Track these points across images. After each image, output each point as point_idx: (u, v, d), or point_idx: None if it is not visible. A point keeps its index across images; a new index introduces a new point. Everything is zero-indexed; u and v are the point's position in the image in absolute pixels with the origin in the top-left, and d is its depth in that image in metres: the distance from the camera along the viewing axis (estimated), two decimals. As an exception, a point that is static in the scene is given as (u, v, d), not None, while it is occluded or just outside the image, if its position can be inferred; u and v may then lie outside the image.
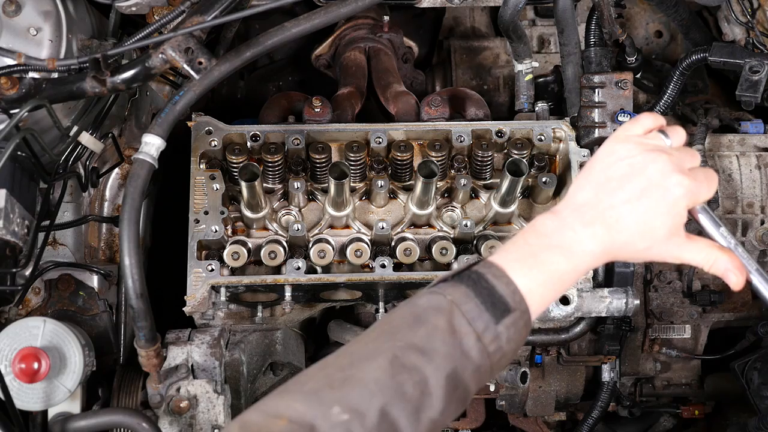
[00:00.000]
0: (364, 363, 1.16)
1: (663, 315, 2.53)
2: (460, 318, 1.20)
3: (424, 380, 1.15)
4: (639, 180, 1.28)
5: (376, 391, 1.13)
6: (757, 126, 2.56)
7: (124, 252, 1.69)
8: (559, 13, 2.11)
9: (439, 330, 1.19)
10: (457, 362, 1.18)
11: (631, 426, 2.85)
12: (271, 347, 2.20)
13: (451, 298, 1.22)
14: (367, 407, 1.11)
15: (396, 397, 1.13)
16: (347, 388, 1.13)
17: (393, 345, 1.17)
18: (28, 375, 1.83)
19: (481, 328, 1.20)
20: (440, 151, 2.02)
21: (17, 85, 1.78)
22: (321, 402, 1.11)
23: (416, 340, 1.18)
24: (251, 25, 2.63)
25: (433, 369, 1.16)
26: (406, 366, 1.15)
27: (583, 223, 1.27)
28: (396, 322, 1.23)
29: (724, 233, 1.37)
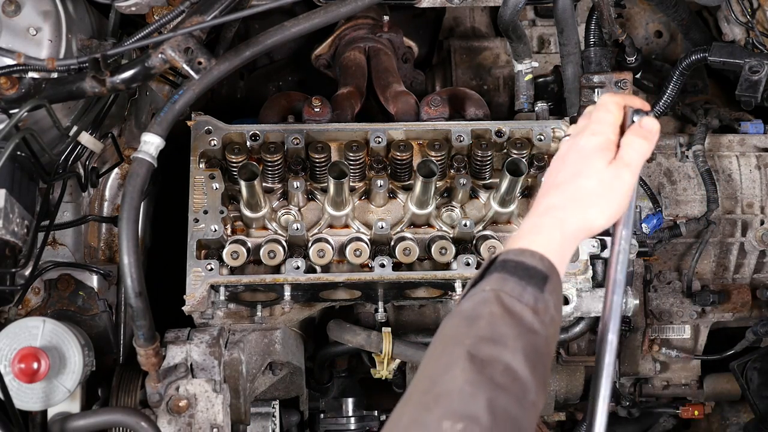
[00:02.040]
0: (446, 375, 1.13)
1: (662, 315, 2.53)
2: (509, 299, 1.20)
3: (509, 366, 1.14)
4: (579, 155, 1.35)
5: (475, 392, 1.10)
6: (757, 126, 2.56)
7: (123, 251, 1.69)
8: (559, 13, 2.11)
9: (496, 316, 1.18)
10: (528, 339, 1.18)
11: (630, 426, 2.86)
12: (270, 347, 2.20)
13: (490, 287, 1.22)
14: (475, 408, 1.08)
15: (494, 390, 1.10)
16: (444, 401, 1.09)
17: (463, 346, 1.15)
18: (27, 375, 1.83)
19: (532, 301, 1.21)
20: (440, 151, 2.03)
21: (17, 85, 1.78)
22: (426, 426, 1.07)
23: (481, 332, 1.17)
24: (251, 25, 2.64)
25: (510, 354, 1.15)
26: (485, 360, 1.13)
27: (552, 203, 1.32)
28: (452, 331, 1.21)
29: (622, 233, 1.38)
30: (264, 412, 2.33)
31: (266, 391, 2.29)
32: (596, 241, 2.04)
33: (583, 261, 2.02)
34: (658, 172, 2.50)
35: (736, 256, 2.52)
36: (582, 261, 2.02)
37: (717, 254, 2.52)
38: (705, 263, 2.52)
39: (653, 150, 2.46)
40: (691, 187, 2.49)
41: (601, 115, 1.37)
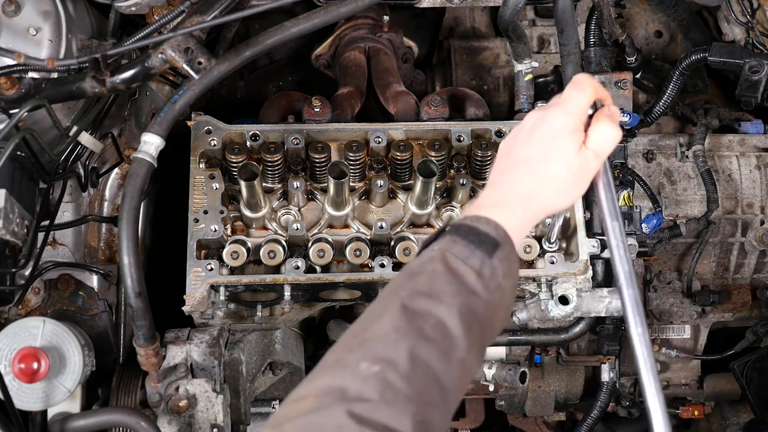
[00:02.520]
0: (376, 322, 1.14)
1: (662, 315, 2.53)
2: (454, 259, 1.20)
3: (441, 321, 1.14)
4: (544, 134, 1.33)
5: (398, 338, 1.10)
6: (757, 126, 2.56)
7: (123, 251, 1.69)
8: (559, 13, 2.11)
9: (438, 273, 1.18)
10: (466, 299, 1.17)
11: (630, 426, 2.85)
12: (270, 347, 2.20)
13: (439, 247, 1.22)
14: (395, 354, 1.08)
15: (420, 340, 1.10)
16: (368, 345, 1.10)
17: (398, 297, 1.16)
18: (27, 375, 1.83)
19: (478, 264, 1.20)
20: (440, 151, 2.03)
21: (17, 85, 1.78)
22: (344, 366, 1.08)
23: (419, 286, 1.17)
24: (251, 25, 2.63)
25: (445, 309, 1.15)
26: (417, 312, 1.13)
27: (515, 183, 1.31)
28: (393, 284, 1.23)
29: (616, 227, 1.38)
30: (264, 412, 2.33)
31: (266, 391, 2.29)
32: (596, 241, 2.03)
33: (583, 261, 2.02)
34: (658, 172, 2.50)
35: (736, 256, 2.52)
36: (582, 261, 2.02)
37: (717, 254, 2.52)
38: (705, 263, 2.52)
39: (653, 150, 2.47)
40: (691, 187, 2.49)
41: (575, 94, 1.34)
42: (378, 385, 1.05)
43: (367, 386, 1.05)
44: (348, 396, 1.03)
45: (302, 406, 1.04)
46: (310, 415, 1.02)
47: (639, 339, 1.32)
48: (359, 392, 1.04)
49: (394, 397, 1.04)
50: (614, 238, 1.38)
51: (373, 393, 1.04)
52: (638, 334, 1.32)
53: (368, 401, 1.03)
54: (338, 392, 1.04)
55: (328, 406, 1.02)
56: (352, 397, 1.03)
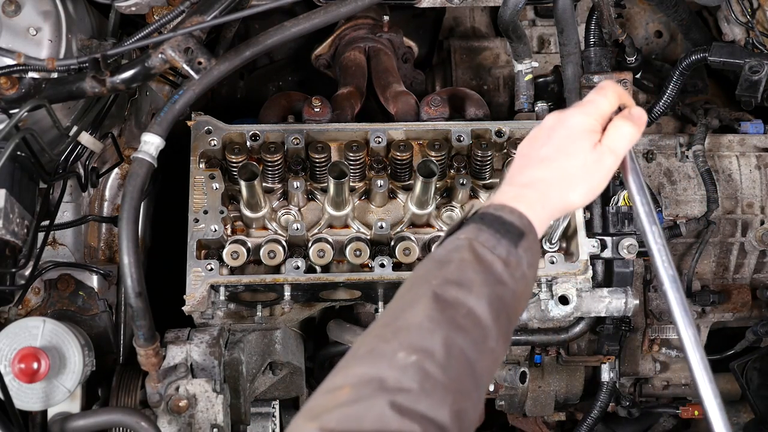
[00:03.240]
0: (408, 311, 1.14)
1: (662, 315, 2.53)
2: (481, 248, 1.21)
3: (471, 311, 1.14)
4: (564, 135, 1.33)
5: (433, 328, 1.10)
6: (757, 126, 2.56)
7: (123, 251, 1.69)
8: (559, 13, 2.11)
9: (467, 262, 1.19)
10: (494, 288, 1.18)
11: (630, 426, 2.85)
12: (270, 347, 2.20)
13: (465, 236, 1.23)
14: (431, 343, 1.08)
15: (454, 330, 1.11)
16: (402, 334, 1.10)
17: (429, 286, 1.16)
18: (27, 375, 1.83)
19: (504, 253, 1.21)
20: (440, 151, 2.03)
21: (17, 85, 1.78)
22: (381, 356, 1.08)
23: (449, 275, 1.17)
24: (251, 25, 2.63)
25: (475, 298, 1.15)
26: (449, 301, 1.14)
27: (536, 177, 1.32)
28: (422, 271, 1.22)
29: (654, 231, 1.39)
30: (264, 412, 2.33)
31: (266, 391, 2.29)
32: (596, 241, 2.03)
33: (583, 261, 2.02)
34: (658, 172, 2.50)
35: (736, 256, 2.52)
36: (582, 261, 2.02)
37: (717, 254, 2.52)
38: (705, 263, 2.52)
39: (653, 150, 2.47)
40: (691, 187, 2.49)
41: (597, 98, 1.36)
42: (417, 375, 1.04)
43: (406, 376, 1.04)
44: (387, 386, 1.03)
45: (339, 396, 1.03)
46: (350, 406, 1.01)
47: (690, 342, 1.33)
48: (398, 382, 1.03)
49: (433, 387, 1.05)
50: (654, 243, 1.37)
51: (412, 383, 1.04)
52: (689, 337, 1.33)
53: (408, 391, 1.03)
54: (377, 382, 1.03)
55: (368, 397, 1.02)
56: (391, 387, 1.03)
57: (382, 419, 0.99)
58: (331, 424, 0.99)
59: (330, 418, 1.00)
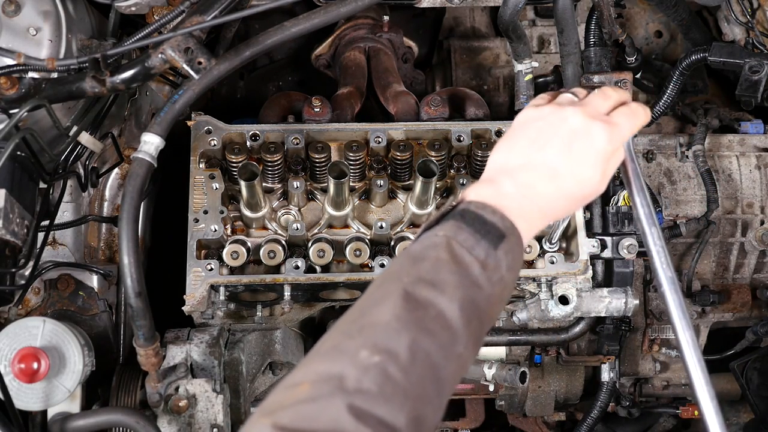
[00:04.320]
0: (377, 307, 1.10)
1: (662, 315, 2.53)
2: (459, 248, 1.16)
3: (441, 313, 1.10)
4: (563, 132, 1.28)
5: (400, 328, 1.06)
6: (757, 126, 2.56)
7: (123, 251, 1.69)
8: (559, 13, 2.11)
9: (442, 261, 1.14)
10: (468, 291, 1.14)
11: (630, 426, 2.85)
12: (270, 347, 2.20)
13: (444, 233, 1.18)
14: (396, 345, 1.04)
15: (421, 332, 1.06)
16: (368, 332, 1.06)
17: (401, 283, 1.11)
18: (27, 375, 1.83)
19: (483, 255, 1.17)
20: (440, 151, 2.03)
21: (17, 85, 1.78)
22: (343, 353, 1.04)
23: (423, 274, 1.13)
24: (251, 25, 2.64)
25: (447, 300, 1.11)
26: (419, 301, 1.09)
27: (523, 181, 1.26)
28: (395, 267, 1.18)
29: (654, 233, 1.37)
30: (264, 412, 2.33)
31: (266, 391, 2.29)
32: (596, 241, 2.03)
33: (583, 261, 2.02)
34: (658, 172, 2.50)
35: (736, 256, 2.52)
36: (582, 261, 2.02)
37: (717, 254, 2.52)
38: (705, 263, 2.52)
39: (653, 150, 2.47)
40: (691, 187, 2.49)
41: (597, 100, 1.34)
42: (378, 377, 1.01)
43: (367, 377, 1.00)
44: (346, 386, 0.99)
45: (297, 393, 1.00)
46: (307, 404, 0.98)
47: (688, 344, 1.33)
48: (358, 383, 1.00)
49: (393, 391, 1.01)
50: (653, 245, 1.37)
51: (372, 385, 1.00)
52: (687, 339, 1.34)
53: (367, 393, 0.99)
54: (336, 380, 1.00)
55: (325, 396, 0.98)
56: (350, 387, 0.99)
57: (338, 421, 0.96)
58: (284, 420, 0.96)
59: (284, 415, 0.97)
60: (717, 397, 1.32)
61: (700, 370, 1.31)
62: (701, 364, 1.31)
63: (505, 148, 1.32)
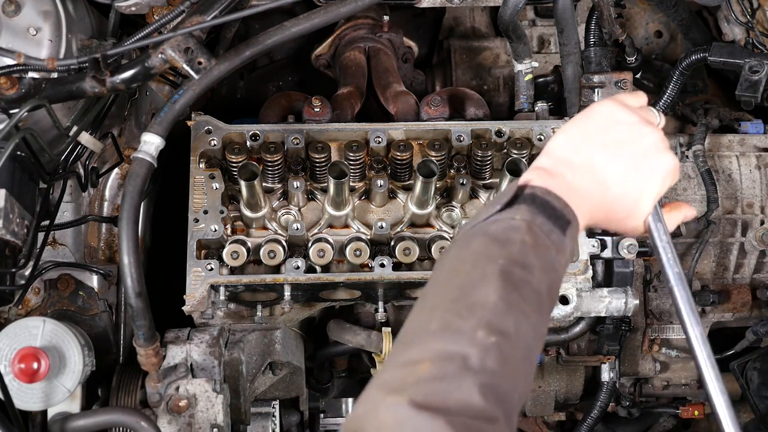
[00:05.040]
0: (480, 288, 1.12)
1: (662, 315, 2.53)
2: (539, 233, 1.19)
3: (534, 293, 1.14)
4: (635, 150, 1.28)
5: (508, 309, 1.09)
6: (757, 126, 2.56)
7: (123, 251, 1.69)
8: (559, 13, 2.11)
9: (528, 245, 1.17)
10: (550, 275, 1.18)
11: (630, 426, 2.86)
12: (270, 346, 2.20)
13: (521, 218, 1.20)
14: (507, 326, 1.08)
15: (521, 314, 1.11)
16: (479, 312, 1.09)
17: (497, 264, 1.14)
18: (27, 375, 1.83)
19: (556, 240, 1.20)
20: (440, 151, 2.03)
21: (17, 85, 1.78)
22: (460, 332, 1.06)
23: (514, 256, 1.15)
24: (251, 25, 2.64)
25: (537, 282, 1.15)
26: (516, 283, 1.13)
27: (577, 185, 1.27)
28: (481, 248, 1.19)
29: (660, 229, 1.36)
30: (264, 412, 2.33)
31: (266, 391, 2.29)
32: (596, 241, 2.03)
33: (583, 261, 2.02)
34: (658, 172, 2.49)
35: (736, 256, 2.52)
36: (582, 261, 2.02)
37: (717, 254, 2.52)
38: (705, 263, 2.52)
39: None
40: (691, 187, 2.49)
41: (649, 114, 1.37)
42: (499, 357, 1.04)
43: (490, 356, 1.04)
44: (471, 365, 1.02)
45: (420, 371, 1.02)
46: (435, 382, 1.00)
47: (698, 340, 1.35)
48: (482, 361, 1.03)
49: (510, 372, 1.05)
50: (659, 240, 1.36)
51: (495, 364, 1.04)
52: (696, 336, 1.35)
53: (493, 372, 1.03)
54: (459, 360, 1.03)
55: (454, 375, 1.01)
56: (476, 366, 1.02)
57: (470, 399, 0.99)
58: (418, 397, 0.98)
59: (417, 392, 0.99)
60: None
61: (711, 366, 1.30)
62: (711, 360, 1.31)
63: (577, 140, 1.30)
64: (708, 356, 1.31)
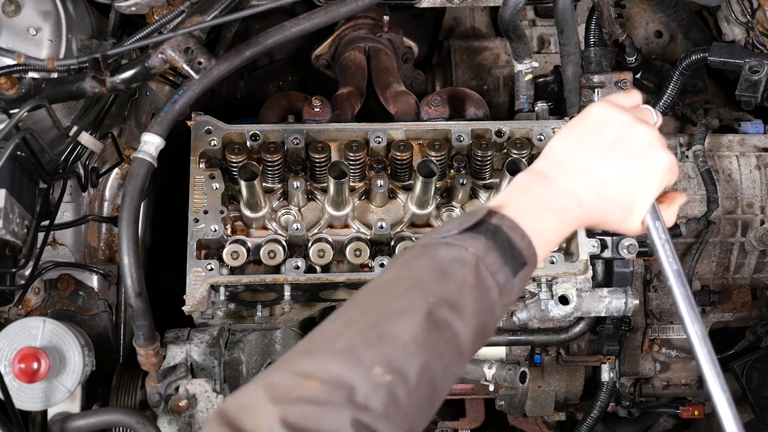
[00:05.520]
0: (399, 320, 1.11)
1: (662, 315, 2.53)
2: (485, 272, 1.17)
3: (455, 336, 1.13)
4: (630, 150, 1.27)
5: (417, 350, 1.08)
6: (757, 126, 2.56)
7: (123, 251, 1.69)
8: (559, 13, 2.11)
9: (467, 285, 1.16)
10: (484, 317, 1.17)
11: (630, 426, 2.85)
12: (270, 347, 2.20)
13: (474, 251, 1.18)
14: (409, 367, 1.07)
15: (434, 356, 1.10)
16: (386, 346, 1.08)
17: (426, 300, 1.13)
18: (27, 375, 1.84)
19: (503, 281, 1.19)
20: (440, 151, 2.03)
21: (17, 85, 1.78)
22: (359, 361, 1.06)
23: (447, 294, 1.14)
24: (251, 25, 2.64)
25: (463, 325, 1.14)
26: (439, 322, 1.12)
27: (572, 187, 1.26)
28: (421, 275, 1.18)
29: (658, 227, 1.34)
30: (264, 412, 2.32)
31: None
32: (596, 241, 2.03)
33: (583, 261, 2.02)
34: (658, 172, 2.49)
35: (736, 256, 2.52)
36: (582, 261, 2.02)
37: (717, 254, 2.52)
38: (705, 263, 2.52)
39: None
40: (691, 187, 2.49)
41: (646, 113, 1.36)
42: (386, 398, 1.04)
43: (376, 395, 1.03)
44: (356, 400, 1.02)
45: (306, 387, 1.03)
46: (315, 406, 1.01)
47: (697, 338, 1.33)
48: (366, 399, 1.03)
49: (396, 412, 1.05)
50: (658, 239, 1.34)
51: (379, 404, 1.03)
52: (696, 332, 1.33)
53: (372, 411, 1.02)
54: (347, 390, 1.03)
55: (335, 404, 1.01)
56: (359, 402, 1.02)
57: (340, 431, 1.00)
58: (292, 417, 0.99)
59: (292, 411, 1.00)
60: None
61: (711, 363, 1.29)
62: (712, 357, 1.30)
63: (571, 143, 1.30)
64: (708, 353, 1.30)
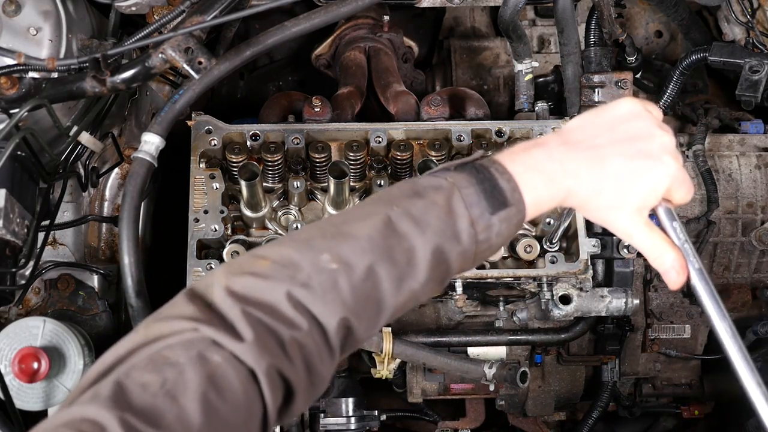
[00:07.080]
0: (359, 222, 1.17)
1: (663, 315, 2.53)
2: (458, 200, 1.20)
3: (412, 249, 1.16)
4: (643, 145, 1.28)
5: (367, 249, 1.14)
6: (757, 126, 2.56)
7: (123, 251, 1.70)
8: (559, 13, 2.11)
9: (436, 206, 1.19)
10: (446, 240, 1.19)
11: (630, 426, 2.85)
12: (270, 347, 2.20)
13: (453, 181, 1.22)
14: (357, 261, 1.12)
15: (384, 259, 1.14)
16: (339, 239, 1.14)
17: (389, 209, 1.18)
18: (27, 375, 1.84)
19: (477, 214, 1.21)
20: (440, 151, 2.03)
21: (17, 85, 1.78)
22: (310, 248, 1.13)
23: (412, 210, 1.18)
24: (251, 25, 2.64)
25: (423, 241, 1.17)
26: (398, 231, 1.16)
27: (572, 158, 1.27)
28: (394, 192, 1.24)
29: (676, 227, 1.33)
30: (264, 412, 2.32)
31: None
32: (596, 241, 2.03)
33: (584, 261, 2.02)
34: (658, 172, 2.49)
35: (736, 256, 2.52)
36: (582, 261, 2.02)
37: (717, 254, 2.52)
38: (705, 263, 2.51)
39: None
40: (692, 187, 2.48)
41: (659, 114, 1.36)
42: (326, 282, 1.10)
43: (318, 278, 1.09)
44: (297, 277, 1.09)
45: (257, 265, 1.10)
46: (260, 279, 1.08)
47: (727, 334, 1.29)
48: (308, 278, 1.09)
49: (333, 298, 1.10)
50: (677, 239, 1.32)
51: (318, 287, 1.09)
52: (725, 329, 1.29)
53: (310, 290, 1.08)
54: (292, 269, 1.09)
55: (276, 279, 1.08)
56: (299, 280, 1.09)
57: (277, 302, 1.07)
58: (236, 286, 1.07)
59: (238, 281, 1.08)
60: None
61: (744, 359, 1.27)
62: (743, 352, 1.27)
63: (587, 120, 1.31)
64: (740, 349, 1.26)
